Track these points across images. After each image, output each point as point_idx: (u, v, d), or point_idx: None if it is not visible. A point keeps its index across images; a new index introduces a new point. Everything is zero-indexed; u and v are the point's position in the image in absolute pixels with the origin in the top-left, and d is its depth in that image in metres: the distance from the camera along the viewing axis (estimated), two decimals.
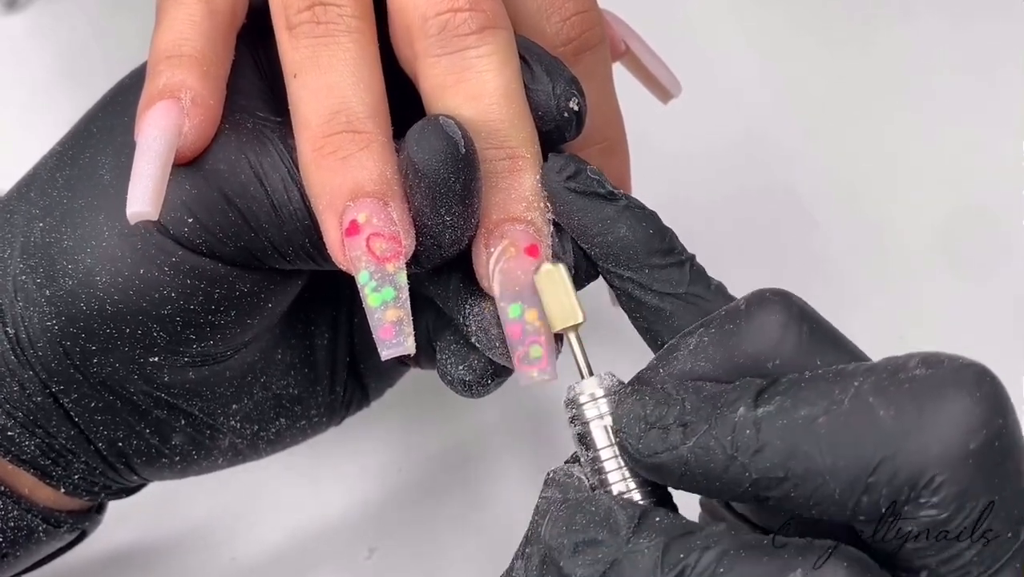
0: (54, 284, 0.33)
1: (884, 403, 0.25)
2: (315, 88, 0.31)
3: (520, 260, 0.31)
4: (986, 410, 0.25)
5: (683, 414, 0.27)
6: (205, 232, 0.32)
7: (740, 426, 0.26)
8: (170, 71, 0.32)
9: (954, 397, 0.25)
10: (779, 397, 0.26)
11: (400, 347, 0.30)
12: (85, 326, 0.33)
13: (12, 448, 0.35)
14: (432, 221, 0.31)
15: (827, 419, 0.25)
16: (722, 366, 0.28)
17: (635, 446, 0.28)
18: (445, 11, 0.31)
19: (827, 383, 0.26)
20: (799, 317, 0.27)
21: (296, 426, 0.40)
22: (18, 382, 0.34)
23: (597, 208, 0.31)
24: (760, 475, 0.26)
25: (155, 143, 0.30)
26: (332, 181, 0.30)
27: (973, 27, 0.61)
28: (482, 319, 0.32)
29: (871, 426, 0.25)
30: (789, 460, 0.25)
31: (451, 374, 0.34)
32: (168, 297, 0.33)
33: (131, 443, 0.36)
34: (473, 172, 0.30)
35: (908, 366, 0.25)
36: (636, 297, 0.31)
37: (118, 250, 0.32)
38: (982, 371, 0.25)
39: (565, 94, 0.32)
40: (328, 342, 0.39)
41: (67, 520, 0.37)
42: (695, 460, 0.26)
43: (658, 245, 0.31)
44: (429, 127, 0.30)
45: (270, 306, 0.35)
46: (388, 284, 0.30)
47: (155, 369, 0.34)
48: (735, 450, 0.26)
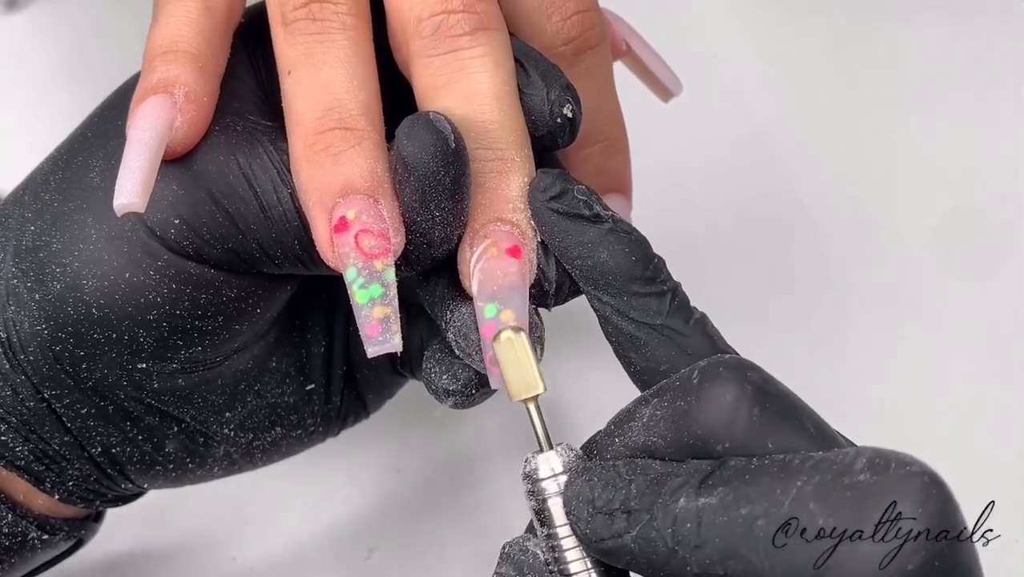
0: (43, 288, 0.33)
1: (824, 511, 0.24)
2: (309, 85, 0.31)
3: (501, 260, 0.31)
4: (929, 530, 0.23)
5: (628, 500, 0.26)
6: (192, 234, 0.32)
7: (681, 519, 0.25)
8: (165, 66, 0.32)
9: (895, 513, 0.23)
10: (722, 488, 0.25)
11: (387, 344, 0.30)
12: (73, 331, 0.33)
13: (6, 453, 0.35)
14: (421, 217, 0.30)
15: (766, 522, 0.24)
16: (673, 444, 0.27)
17: (583, 530, 0.27)
18: (439, 12, 0.31)
19: (770, 479, 0.25)
20: (751, 396, 0.26)
21: (292, 436, 0.39)
22: (11, 387, 0.34)
23: (579, 231, 0.31)
24: (700, 570, 0.25)
25: (145, 135, 0.30)
26: (323, 177, 0.30)
27: (973, 28, 0.61)
28: (461, 323, 0.32)
29: (809, 535, 0.24)
30: (728, 559, 0.25)
31: (435, 383, 0.34)
32: (154, 302, 0.32)
33: (125, 450, 0.36)
34: (463, 167, 0.30)
35: (854, 468, 0.24)
36: (613, 322, 0.30)
37: (105, 253, 0.32)
38: (928, 483, 0.24)
39: (559, 100, 0.32)
40: (323, 351, 0.39)
41: (63, 528, 0.37)
42: (639, 550, 0.26)
43: (640, 273, 0.30)
44: (419, 122, 0.30)
45: (259, 312, 0.35)
46: (376, 281, 0.30)
47: (144, 375, 0.34)
48: (676, 544, 0.25)
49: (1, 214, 0.35)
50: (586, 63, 0.35)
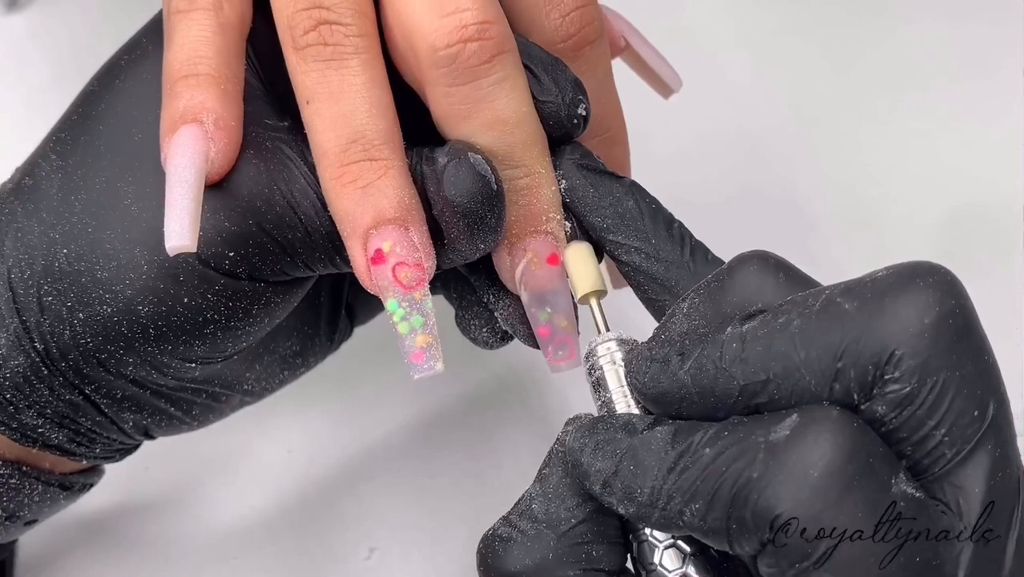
0: (89, 309, 0.33)
1: (849, 299, 0.27)
2: (329, 117, 0.32)
3: (544, 270, 0.33)
4: (938, 292, 0.27)
5: (682, 347, 0.29)
6: (246, 263, 0.33)
7: (728, 342, 0.28)
8: (189, 92, 0.32)
9: (909, 285, 0.27)
10: (760, 316, 0.28)
11: (431, 370, 0.32)
12: (126, 345, 0.34)
13: (40, 439, 0.36)
14: (467, 249, 0.33)
15: (800, 321, 0.27)
16: (713, 320, 0.29)
17: (641, 380, 0.30)
18: (455, 43, 0.31)
19: (803, 297, 0.28)
20: (775, 266, 0.30)
21: (297, 373, 0.42)
22: (48, 387, 0.35)
23: (607, 184, 0.33)
24: (746, 380, 0.27)
25: (185, 172, 0.31)
26: (354, 210, 0.32)
27: (970, 27, 0.62)
28: (508, 314, 0.35)
29: (837, 319, 0.27)
30: (769, 361, 0.27)
31: (474, 334, 0.37)
32: (211, 319, 0.34)
33: (155, 419, 0.38)
34: (503, 206, 0.32)
35: (876, 274, 0.28)
36: (643, 268, 0.33)
37: (160, 283, 0.33)
38: (935, 266, 0.27)
39: (574, 102, 0.33)
40: (326, 298, 0.41)
41: (79, 480, 0.40)
42: (691, 381, 0.28)
43: (662, 218, 0.33)
44: (463, 169, 0.31)
45: (294, 303, 0.36)
46: (416, 312, 0.32)
47: (189, 370, 0.36)
48: (724, 363, 0.28)
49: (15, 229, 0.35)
50: (585, 58, 0.35)
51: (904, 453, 0.27)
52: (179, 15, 0.33)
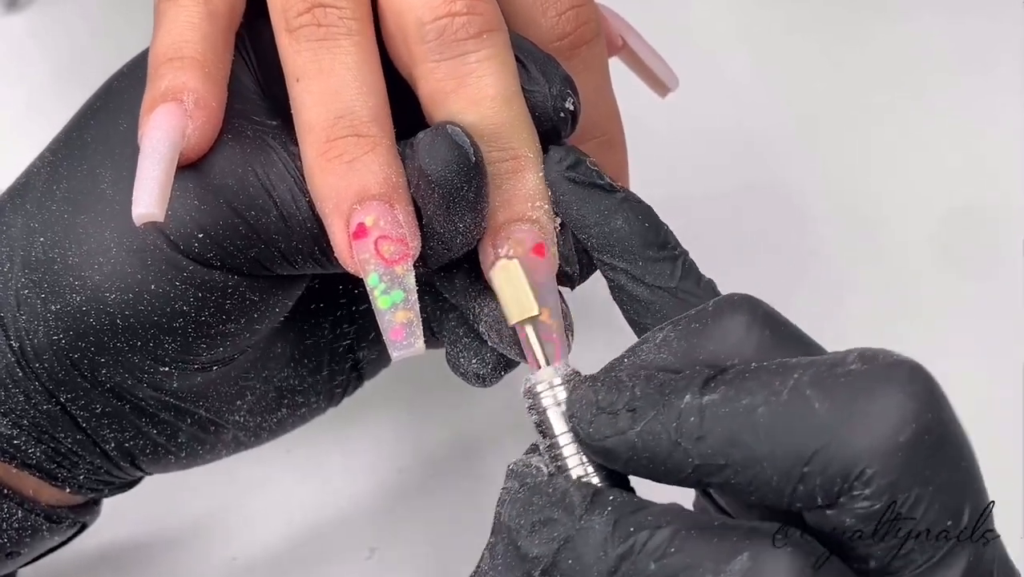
0: (60, 299, 0.33)
1: (820, 395, 0.25)
2: (318, 93, 0.31)
3: (527, 260, 0.32)
4: (916, 405, 0.25)
5: (632, 400, 0.27)
6: (216, 246, 0.32)
7: (685, 413, 0.26)
8: (172, 73, 0.32)
9: (885, 392, 0.25)
10: (724, 387, 0.26)
11: (410, 348, 0.30)
12: (95, 340, 0.33)
13: (18, 454, 0.35)
14: (444, 228, 0.31)
15: (766, 409, 0.26)
16: (682, 360, 0.28)
17: (586, 430, 0.28)
18: (443, 16, 0.31)
19: (769, 374, 0.26)
20: (763, 320, 0.28)
21: (297, 414, 0.40)
22: (23, 392, 0.34)
23: (595, 199, 0.32)
24: (702, 461, 0.26)
25: (159, 145, 0.30)
26: (338, 185, 0.31)
27: (970, 24, 0.61)
28: (492, 319, 0.33)
29: (806, 418, 0.25)
30: (729, 448, 0.26)
31: (463, 368, 0.35)
32: (180, 310, 0.33)
33: (138, 444, 0.36)
34: (483, 179, 0.31)
35: (846, 361, 0.26)
36: (627, 289, 0.31)
37: (127, 266, 0.32)
38: (915, 367, 0.26)
39: (561, 95, 0.32)
40: (328, 332, 0.40)
41: (68, 516, 0.38)
42: (642, 445, 0.27)
43: (653, 239, 0.31)
44: (439, 138, 0.30)
45: (277, 310, 0.35)
46: (397, 286, 0.30)
47: (165, 377, 0.35)
48: (679, 436, 0.26)
49: (1, 223, 0.35)
50: (581, 58, 0.35)
51: (873, 555, 0.26)
52: (168, 3, 0.33)
